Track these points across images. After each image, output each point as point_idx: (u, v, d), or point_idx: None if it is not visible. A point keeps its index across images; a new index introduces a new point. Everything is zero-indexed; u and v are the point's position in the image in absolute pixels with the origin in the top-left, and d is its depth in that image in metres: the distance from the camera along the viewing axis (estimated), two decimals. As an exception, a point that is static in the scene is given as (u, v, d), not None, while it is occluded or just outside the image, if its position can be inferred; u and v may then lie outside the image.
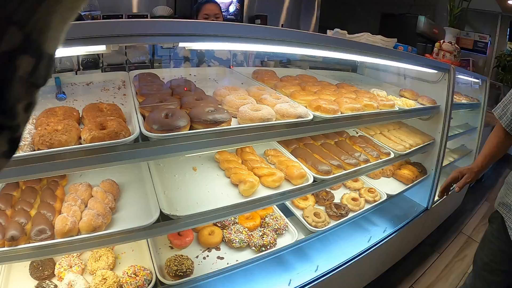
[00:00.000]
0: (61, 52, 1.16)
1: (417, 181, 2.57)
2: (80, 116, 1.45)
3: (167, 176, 1.68)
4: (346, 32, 2.50)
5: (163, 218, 1.36)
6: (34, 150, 1.14)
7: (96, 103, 1.51)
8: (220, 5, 3.95)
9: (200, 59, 2.80)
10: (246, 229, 1.82)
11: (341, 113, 1.75)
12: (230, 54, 2.86)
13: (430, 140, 2.62)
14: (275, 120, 1.49)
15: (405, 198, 2.80)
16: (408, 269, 2.91)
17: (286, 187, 1.67)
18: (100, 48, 1.22)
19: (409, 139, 2.45)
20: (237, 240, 1.73)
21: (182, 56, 2.87)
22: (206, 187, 1.61)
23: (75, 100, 1.70)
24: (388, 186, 2.50)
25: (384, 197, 2.30)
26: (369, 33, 2.48)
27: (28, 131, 1.24)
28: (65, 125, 1.25)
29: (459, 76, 3.20)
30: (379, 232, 2.42)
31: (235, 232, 1.78)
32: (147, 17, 3.75)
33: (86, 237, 1.26)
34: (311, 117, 1.59)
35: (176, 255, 1.59)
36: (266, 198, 1.56)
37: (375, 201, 2.25)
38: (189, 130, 1.31)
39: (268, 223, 1.87)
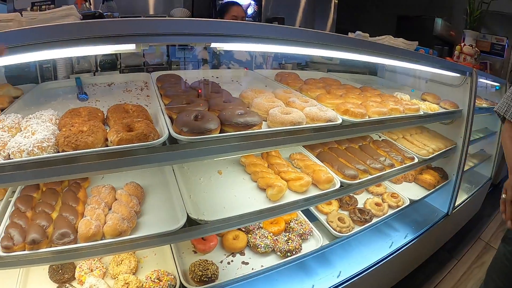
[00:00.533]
0: (89, 50, 1.11)
1: (438, 186, 2.48)
2: (105, 117, 1.40)
3: (192, 179, 1.62)
4: (368, 35, 2.41)
5: (190, 222, 1.30)
6: (58, 152, 1.09)
7: (121, 104, 1.45)
8: (240, 7, 3.89)
9: (218, 61, 2.74)
10: (271, 234, 1.75)
11: (369, 117, 1.67)
12: (249, 56, 2.80)
13: (452, 145, 2.53)
14: (305, 124, 1.43)
15: (425, 203, 2.70)
16: (427, 275, 2.81)
17: (313, 191, 1.60)
18: (129, 47, 1.16)
19: (431, 144, 2.37)
20: (262, 245, 1.67)
21: (200, 58, 2.81)
22: (233, 191, 1.55)
23: (97, 100, 1.64)
24: (410, 191, 2.41)
25: (407, 203, 2.22)
26: (391, 36, 2.39)
27: (52, 132, 1.17)
28: (90, 126, 1.19)
29: (479, 80, 3.10)
30: (400, 238, 2.33)
31: (260, 237, 1.71)
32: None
33: (111, 242, 1.20)
34: (340, 121, 1.52)
35: (200, 260, 1.53)
36: (294, 203, 1.50)
37: (398, 206, 2.17)
38: (220, 133, 1.25)
39: (293, 228, 1.80)
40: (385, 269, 2.17)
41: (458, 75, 2.50)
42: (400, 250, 2.23)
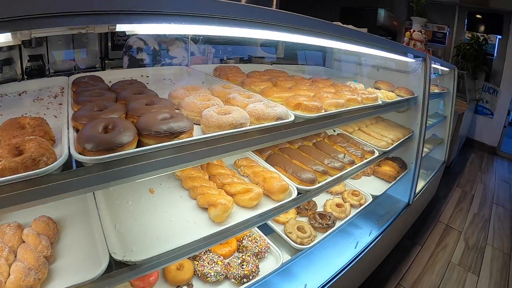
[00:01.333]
0: None
1: (399, 177, 2.28)
2: (-4, 137, 1.00)
3: (118, 203, 1.25)
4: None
5: (116, 264, 0.96)
6: None
7: (17, 117, 1.06)
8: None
9: (155, 59, 2.35)
10: (221, 257, 1.42)
11: (325, 111, 1.39)
12: (186, 52, 2.44)
13: (409, 133, 2.34)
14: (249, 125, 1.12)
15: (386, 195, 2.49)
16: (393, 266, 2.63)
17: (266, 204, 1.30)
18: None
19: (389, 134, 2.15)
20: (212, 274, 1.33)
21: (139, 58, 2.40)
22: (167, 214, 1.20)
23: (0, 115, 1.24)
24: (370, 186, 2.19)
25: (370, 200, 1.99)
26: (339, 23, 2.15)
27: None
28: (-34, 155, 0.80)
29: (433, 65, 2.97)
30: (364, 235, 2.10)
31: (208, 263, 1.38)
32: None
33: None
34: (292, 118, 1.22)
35: (138, 304, 1.18)
36: (245, 223, 1.18)
37: (360, 204, 1.93)
38: (138, 146, 0.91)
39: (247, 246, 1.48)
40: (354, 271, 1.93)
41: (412, 60, 2.31)
42: (366, 249, 2.01)
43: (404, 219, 2.57)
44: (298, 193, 1.35)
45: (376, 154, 1.88)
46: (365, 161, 1.76)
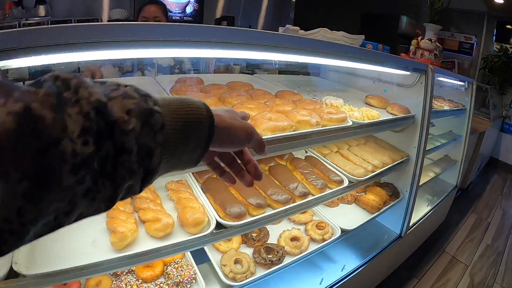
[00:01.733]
0: None
1: (384, 208, 1.96)
2: None
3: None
4: (298, 28, 1.94)
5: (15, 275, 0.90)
6: None
7: None
8: (176, 5, 3.42)
9: (133, 68, 2.25)
10: (140, 281, 1.28)
11: (257, 136, 1.19)
12: (173, 60, 2.30)
13: (402, 158, 2.00)
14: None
15: (374, 223, 2.19)
16: (381, 301, 2.34)
17: (179, 235, 1.14)
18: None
19: (374, 158, 1.85)
20: (122, 299, 1.21)
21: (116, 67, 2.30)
22: (78, 233, 1.09)
23: None
24: (348, 216, 1.89)
25: (338, 234, 1.68)
26: (326, 29, 1.91)
27: None
28: None
29: (442, 79, 2.59)
30: (336, 270, 1.83)
31: (125, 285, 1.25)
32: (97, 21, 3.26)
33: None
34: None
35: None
36: (140, 254, 1.03)
37: (324, 239, 1.63)
38: None
39: (169, 273, 1.31)
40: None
41: (408, 73, 1.98)
42: (335, 286, 1.76)
43: (395, 253, 2.25)
44: (218, 228, 1.18)
45: (345, 184, 1.60)
46: (324, 193, 1.50)
